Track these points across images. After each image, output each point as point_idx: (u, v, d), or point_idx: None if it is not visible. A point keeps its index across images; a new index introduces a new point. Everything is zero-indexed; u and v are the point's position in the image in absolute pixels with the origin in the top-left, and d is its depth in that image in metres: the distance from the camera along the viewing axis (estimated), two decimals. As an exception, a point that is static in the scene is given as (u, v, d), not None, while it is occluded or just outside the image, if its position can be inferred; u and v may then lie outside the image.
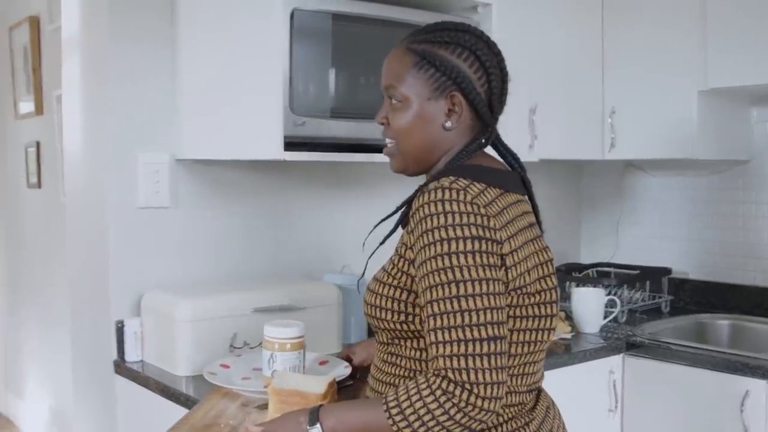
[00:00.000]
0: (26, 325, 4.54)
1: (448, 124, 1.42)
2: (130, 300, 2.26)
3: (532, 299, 1.38)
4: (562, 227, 3.43)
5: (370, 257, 1.60)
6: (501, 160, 1.51)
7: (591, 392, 2.51)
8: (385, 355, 1.47)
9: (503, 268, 1.31)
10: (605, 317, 2.69)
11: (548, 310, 1.43)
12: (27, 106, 4.26)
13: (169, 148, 2.31)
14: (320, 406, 1.37)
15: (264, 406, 1.62)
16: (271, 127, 1.99)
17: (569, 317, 2.68)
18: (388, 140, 1.48)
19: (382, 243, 1.54)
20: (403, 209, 1.46)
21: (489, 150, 1.49)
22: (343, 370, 1.81)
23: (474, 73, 1.41)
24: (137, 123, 2.26)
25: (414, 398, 1.23)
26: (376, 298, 1.42)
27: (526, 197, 1.49)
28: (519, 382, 1.40)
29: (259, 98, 2.04)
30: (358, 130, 2.18)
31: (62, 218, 3.62)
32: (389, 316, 1.40)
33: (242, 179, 2.47)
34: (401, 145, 1.46)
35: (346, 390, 1.74)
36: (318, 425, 1.33)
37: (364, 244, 1.73)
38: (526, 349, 1.40)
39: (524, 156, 2.62)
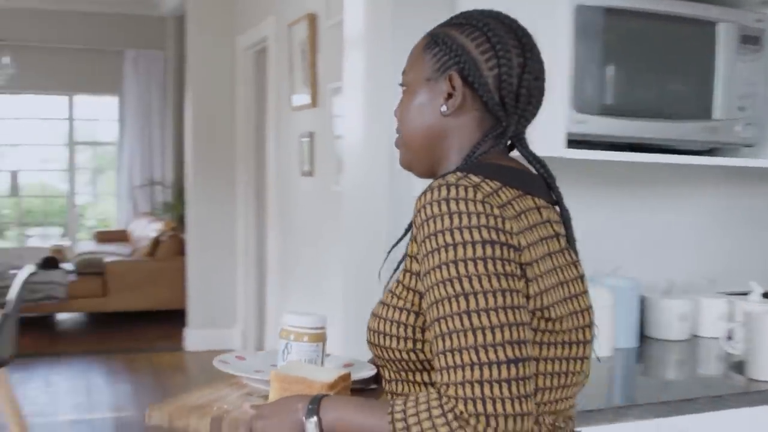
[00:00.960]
0: (296, 306, 4.85)
1: (444, 108, 1.25)
2: (401, 287, 2.34)
3: (560, 324, 1.17)
4: None
5: (385, 287, 1.32)
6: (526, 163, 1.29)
7: None
8: (391, 396, 1.26)
9: (523, 279, 1.10)
10: None
11: (580, 336, 1.22)
12: (302, 98, 4.54)
13: (444, 142, 2.35)
14: (323, 396, 1.18)
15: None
16: (554, 125, 1.97)
17: None
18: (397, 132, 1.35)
19: (396, 269, 1.29)
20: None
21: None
22: (367, 372, 1.56)
23: (480, 55, 1.22)
24: (416, 117, 2.33)
25: (422, 415, 1.04)
26: (379, 323, 1.22)
27: (552, 206, 1.27)
28: (547, 421, 1.19)
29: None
30: (636, 129, 2.13)
31: (332, 205, 3.82)
32: (394, 344, 1.19)
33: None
34: (403, 134, 1.32)
35: (367, 394, 1.53)
36: (315, 418, 1.14)
37: (379, 274, 1.46)
38: (555, 382, 1.18)
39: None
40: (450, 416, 1.03)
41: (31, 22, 9.66)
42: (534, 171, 1.28)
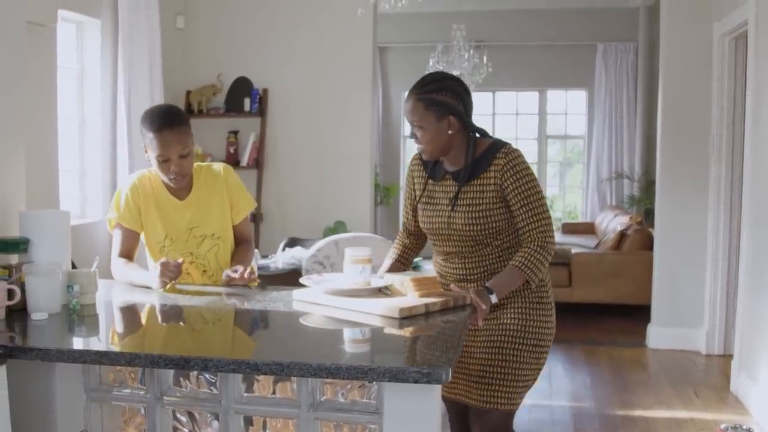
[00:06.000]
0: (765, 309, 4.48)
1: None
2: None
3: None
4: None
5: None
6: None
7: None
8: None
9: None
10: None
11: None
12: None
13: None
14: (489, 285, 2.65)
15: None
16: None
17: None
18: None
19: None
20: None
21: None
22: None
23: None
24: None
25: (531, 253, 2.67)
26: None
27: None
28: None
29: None
30: None
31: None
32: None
33: None
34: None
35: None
36: (494, 295, 2.61)
37: None
38: None
39: None
40: (540, 245, 2.67)
41: (505, 23, 10.24)
42: None
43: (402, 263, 2.98)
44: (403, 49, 10.61)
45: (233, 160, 6.66)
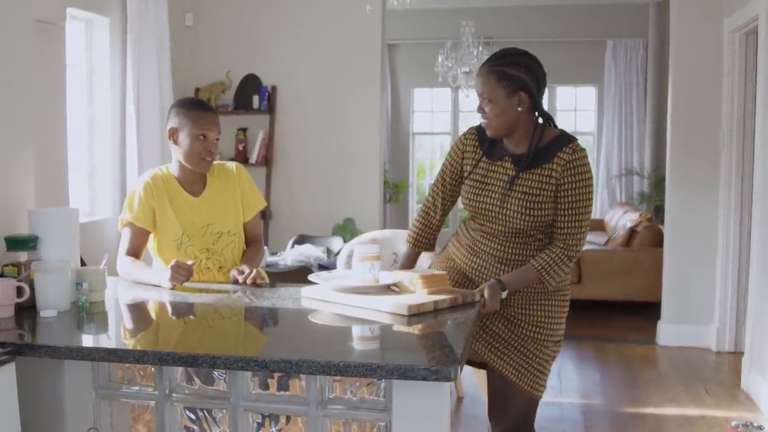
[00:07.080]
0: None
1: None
2: None
3: None
4: None
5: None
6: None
7: None
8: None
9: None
10: None
11: None
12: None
13: None
14: (500, 279, 2.64)
15: None
16: None
17: None
18: None
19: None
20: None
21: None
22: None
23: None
24: None
25: (552, 259, 2.63)
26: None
27: None
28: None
29: None
30: None
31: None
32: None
33: None
34: None
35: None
36: (506, 290, 2.61)
37: None
38: None
39: None
40: (567, 254, 2.62)
41: (514, 19, 10.21)
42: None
43: (426, 245, 2.96)
44: (411, 46, 10.60)
45: (242, 158, 6.67)
